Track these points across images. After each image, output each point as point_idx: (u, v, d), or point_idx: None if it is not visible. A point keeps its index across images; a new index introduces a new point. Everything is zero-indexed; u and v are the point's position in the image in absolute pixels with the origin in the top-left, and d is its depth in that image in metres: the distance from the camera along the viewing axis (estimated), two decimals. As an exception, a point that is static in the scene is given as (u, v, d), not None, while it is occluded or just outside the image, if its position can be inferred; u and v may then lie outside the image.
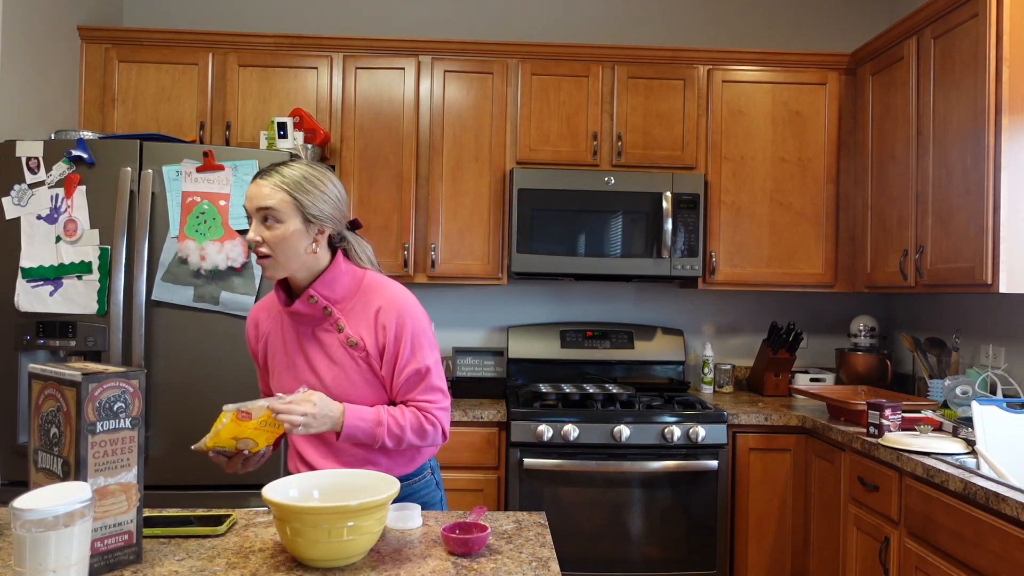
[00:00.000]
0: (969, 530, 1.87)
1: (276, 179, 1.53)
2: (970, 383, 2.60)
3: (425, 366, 1.59)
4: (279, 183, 1.52)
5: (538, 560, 1.28)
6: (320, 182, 1.56)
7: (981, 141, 2.36)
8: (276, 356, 1.66)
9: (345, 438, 1.51)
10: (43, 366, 1.23)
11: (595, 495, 2.77)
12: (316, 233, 1.55)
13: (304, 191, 1.53)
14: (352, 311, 1.60)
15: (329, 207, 1.56)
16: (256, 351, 1.73)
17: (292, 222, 1.52)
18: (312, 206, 1.53)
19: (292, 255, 1.53)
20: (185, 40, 3.09)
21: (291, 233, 1.52)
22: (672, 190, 3.07)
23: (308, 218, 1.53)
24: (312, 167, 1.58)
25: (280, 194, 1.51)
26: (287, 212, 1.52)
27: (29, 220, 2.49)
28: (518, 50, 3.15)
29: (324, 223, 1.56)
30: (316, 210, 1.54)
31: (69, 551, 1.03)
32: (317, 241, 1.56)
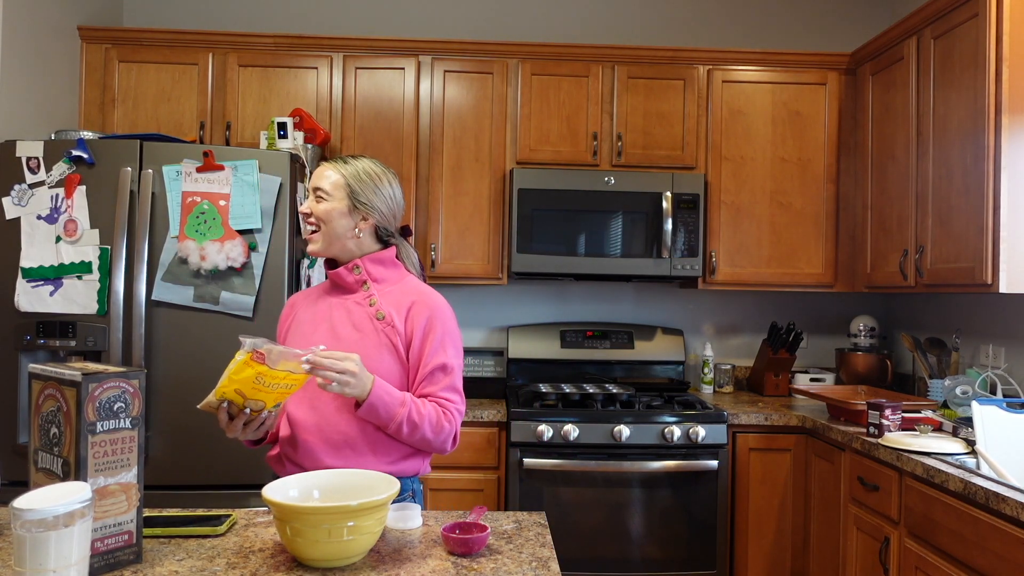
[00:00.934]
0: (969, 530, 1.87)
1: (339, 164, 1.68)
2: (970, 383, 2.60)
3: (451, 364, 1.64)
4: (338, 167, 1.67)
5: (538, 560, 1.28)
6: (377, 177, 1.69)
7: (981, 141, 2.36)
8: (300, 327, 1.71)
9: (367, 408, 1.52)
10: (43, 366, 1.23)
11: (595, 495, 2.77)
12: (360, 219, 1.66)
13: (359, 180, 1.66)
14: (388, 294, 1.67)
15: (378, 200, 1.68)
16: (282, 328, 1.79)
17: (340, 202, 1.64)
18: (361, 193, 1.65)
19: (335, 233, 1.65)
20: (185, 40, 3.09)
21: (335, 210, 1.64)
22: (672, 190, 3.07)
23: (355, 203, 1.65)
24: (377, 164, 1.72)
25: (336, 176, 1.65)
26: (337, 192, 1.65)
27: (29, 220, 2.49)
28: (518, 50, 3.15)
29: (370, 212, 1.66)
30: (364, 198, 1.66)
31: (69, 551, 1.03)
32: (360, 227, 1.67)
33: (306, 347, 1.57)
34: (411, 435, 1.56)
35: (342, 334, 1.64)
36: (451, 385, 1.64)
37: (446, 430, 1.60)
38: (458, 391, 1.66)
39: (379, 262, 1.69)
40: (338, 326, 1.66)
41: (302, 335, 1.69)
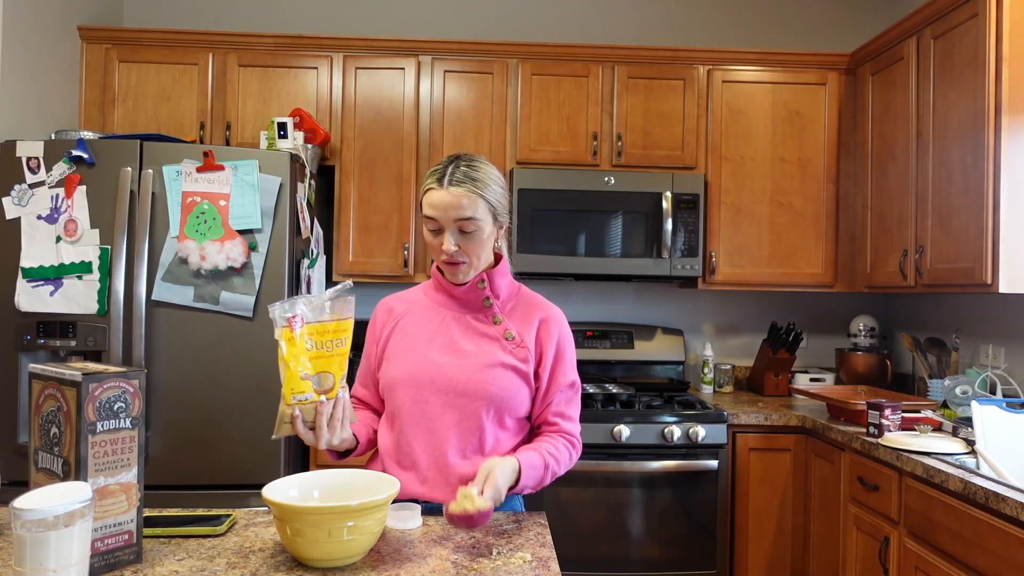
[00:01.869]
0: (969, 530, 1.87)
1: (471, 186, 1.48)
2: (970, 383, 2.60)
3: (579, 382, 1.62)
4: (475, 190, 1.48)
5: (538, 560, 1.29)
6: (499, 177, 1.55)
7: (981, 141, 2.36)
8: (405, 337, 1.61)
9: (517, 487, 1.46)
10: (43, 366, 1.23)
11: (595, 495, 2.77)
12: (499, 230, 1.58)
13: (496, 194, 1.52)
14: (512, 312, 1.60)
15: (506, 203, 1.57)
16: (380, 336, 1.66)
17: (488, 226, 1.52)
18: (500, 205, 1.53)
19: (484, 258, 1.56)
20: (185, 40, 3.09)
21: (487, 237, 1.53)
22: (672, 190, 3.07)
23: (497, 217, 1.54)
24: (483, 161, 1.55)
25: (480, 202, 1.49)
26: (484, 217, 1.50)
27: (29, 220, 2.49)
28: (518, 50, 3.15)
29: (505, 219, 1.58)
30: (504, 210, 1.55)
31: (69, 551, 1.03)
32: (498, 237, 1.58)
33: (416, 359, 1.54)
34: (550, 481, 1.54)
35: (466, 350, 1.55)
36: (578, 402, 1.62)
37: (574, 459, 1.58)
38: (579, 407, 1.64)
39: (502, 276, 1.61)
40: (459, 341, 1.56)
41: (411, 347, 1.58)
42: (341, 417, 1.40)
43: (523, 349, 1.56)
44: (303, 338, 1.34)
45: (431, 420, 1.52)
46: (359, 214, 3.10)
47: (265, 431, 2.53)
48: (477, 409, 1.52)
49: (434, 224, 1.51)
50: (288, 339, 1.33)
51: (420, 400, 1.54)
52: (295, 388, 1.34)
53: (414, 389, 1.55)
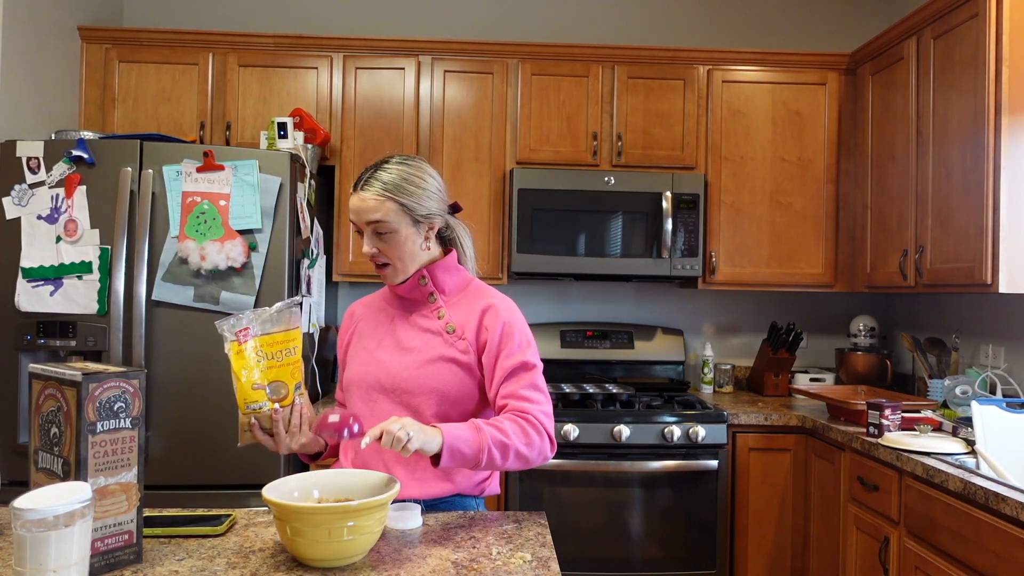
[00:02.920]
0: (969, 530, 1.87)
1: (378, 188, 1.51)
2: (970, 383, 2.60)
3: (532, 362, 1.54)
4: (381, 192, 1.50)
5: (538, 560, 1.29)
6: (419, 178, 1.55)
7: (981, 141, 2.36)
8: (362, 340, 1.64)
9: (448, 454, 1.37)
10: (43, 366, 1.23)
11: (595, 495, 2.77)
12: (427, 230, 1.57)
13: (407, 193, 1.52)
14: (457, 305, 1.60)
15: (433, 202, 1.57)
16: (343, 339, 1.71)
17: (403, 228, 1.53)
18: (419, 207, 1.53)
19: (409, 259, 1.56)
20: (185, 40, 3.09)
21: (404, 239, 1.53)
22: (672, 190, 3.07)
23: (416, 219, 1.54)
24: (406, 163, 1.56)
25: (388, 203, 1.50)
26: (396, 220, 1.51)
27: (29, 220, 2.49)
28: (518, 50, 3.15)
29: (432, 219, 1.57)
30: (423, 209, 1.54)
31: (69, 551, 1.03)
32: (428, 237, 1.58)
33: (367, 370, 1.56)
34: (505, 458, 1.43)
35: (410, 347, 1.56)
36: (533, 383, 1.52)
37: (535, 439, 1.46)
38: (541, 390, 1.53)
39: (445, 270, 1.60)
40: (404, 339, 1.57)
41: (363, 349, 1.62)
42: (299, 422, 1.46)
43: (463, 341, 1.55)
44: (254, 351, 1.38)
45: (380, 419, 1.50)
46: (359, 214, 3.10)
47: (265, 431, 2.53)
48: (420, 404, 1.53)
49: (356, 228, 1.56)
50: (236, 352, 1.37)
51: (370, 400, 1.57)
52: (248, 398, 1.40)
53: (364, 389, 1.58)
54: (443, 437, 1.37)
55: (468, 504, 1.62)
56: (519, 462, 1.46)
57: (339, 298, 3.50)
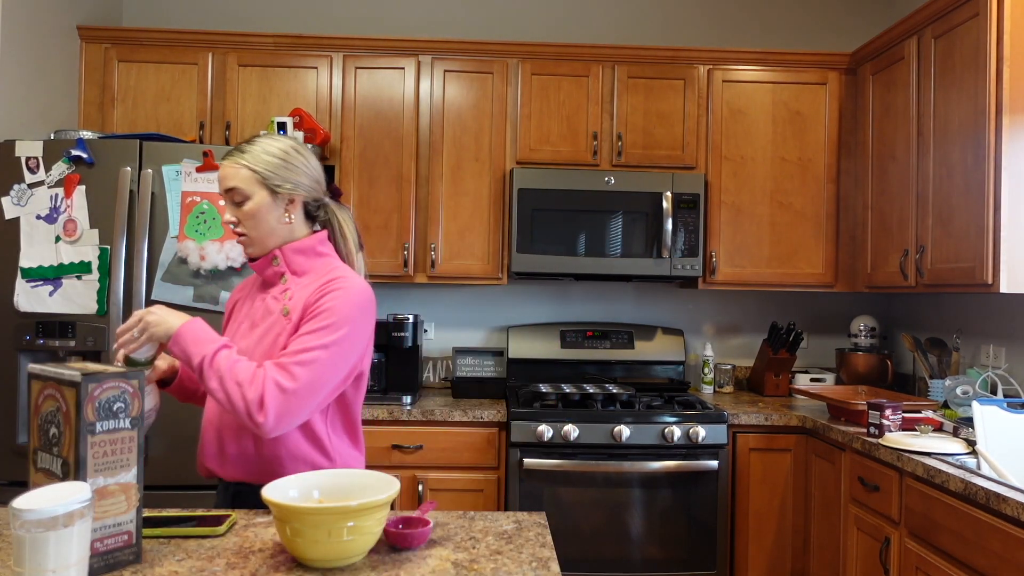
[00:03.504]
0: (970, 530, 1.86)
1: (236, 156, 1.54)
2: (971, 383, 2.60)
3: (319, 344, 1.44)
4: (238, 160, 1.53)
5: (538, 560, 1.28)
6: (280, 150, 1.55)
7: (981, 141, 2.36)
8: (232, 322, 1.67)
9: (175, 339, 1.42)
10: (42, 366, 1.22)
11: (595, 495, 2.76)
12: (286, 203, 1.55)
13: (260, 160, 1.53)
14: (306, 288, 1.55)
15: (295, 174, 1.55)
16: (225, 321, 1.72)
17: (258, 195, 1.53)
18: (275, 176, 1.53)
19: (266, 230, 1.55)
20: (185, 40, 3.09)
21: (259, 207, 1.53)
22: (672, 190, 3.07)
23: (273, 189, 1.53)
24: (274, 138, 1.57)
25: (242, 171, 1.52)
26: (251, 187, 1.52)
27: (28, 220, 2.48)
28: (518, 50, 3.15)
29: (293, 191, 1.55)
30: (279, 179, 1.53)
31: (68, 551, 1.03)
32: (289, 211, 1.56)
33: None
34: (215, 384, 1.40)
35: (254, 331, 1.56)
36: (300, 360, 1.42)
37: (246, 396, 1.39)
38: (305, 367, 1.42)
39: (301, 252, 1.57)
40: (254, 322, 1.57)
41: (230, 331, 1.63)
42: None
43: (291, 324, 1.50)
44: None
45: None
46: (359, 214, 3.10)
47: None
48: None
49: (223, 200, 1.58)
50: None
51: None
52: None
53: None
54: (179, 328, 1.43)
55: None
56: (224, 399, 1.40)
57: (339, 298, 3.49)
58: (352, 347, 1.49)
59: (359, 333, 1.50)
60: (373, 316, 1.54)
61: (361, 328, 1.50)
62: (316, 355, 1.44)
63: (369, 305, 1.53)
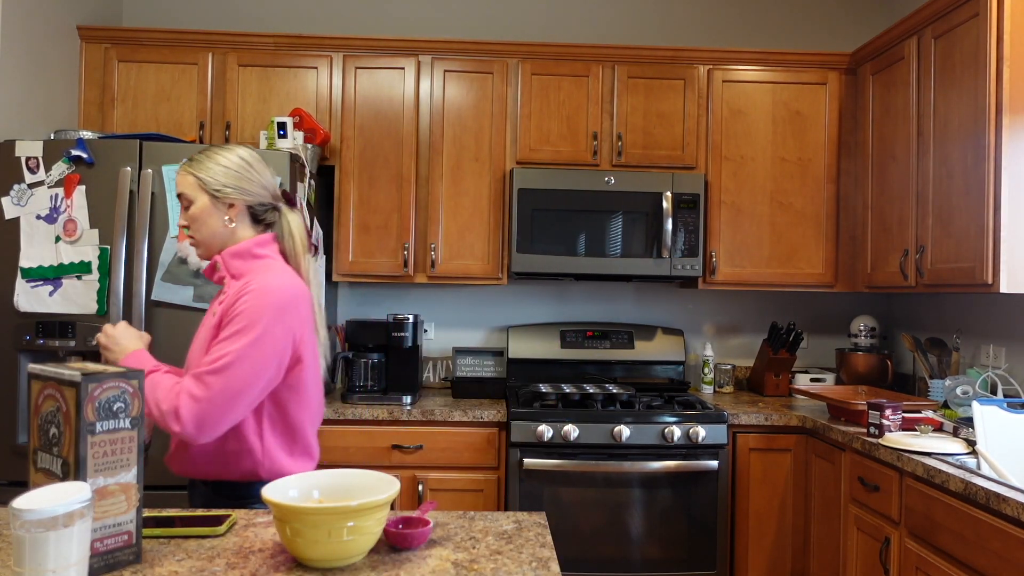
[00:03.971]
0: (970, 530, 1.86)
1: (185, 165, 1.64)
2: (971, 383, 2.60)
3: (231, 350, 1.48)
4: (186, 168, 1.63)
5: (538, 560, 1.28)
6: (221, 156, 1.63)
7: (982, 141, 2.36)
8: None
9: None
10: (42, 366, 1.22)
11: (595, 495, 2.76)
12: (227, 208, 1.62)
13: (203, 168, 1.61)
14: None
15: (231, 179, 1.61)
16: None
17: (199, 199, 1.61)
18: (213, 180, 1.61)
19: (209, 233, 1.62)
20: (185, 40, 3.09)
21: (200, 211, 1.61)
22: (672, 190, 3.07)
23: (212, 193, 1.61)
24: (221, 146, 1.67)
25: (186, 177, 1.62)
26: (193, 191, 1.62)
27: (28, 220, 2.48)
28: (518, 50, 3.15)
29: (230, 196, 1.61)
30: (217, 184, 1.61)
31: (68, 551, 1.03)
32: (230, 216, 1.62)
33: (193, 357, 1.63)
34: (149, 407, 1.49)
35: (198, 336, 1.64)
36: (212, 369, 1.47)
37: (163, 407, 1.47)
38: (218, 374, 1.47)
39: (237, 255, 1.61)
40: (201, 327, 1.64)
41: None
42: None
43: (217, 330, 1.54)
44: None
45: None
46: (359, 214, 3.10)
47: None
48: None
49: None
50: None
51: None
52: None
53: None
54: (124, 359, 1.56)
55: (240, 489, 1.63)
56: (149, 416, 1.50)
57: (339, 298, 3.49)
58: (270, 348, 1.51)
59: (275, 334, 1.52)
60: (294, 315, 1.56)
61: (277, 328, 1.52)
62: (228, 361, 1.48)
63: (288, 304, 1.55)
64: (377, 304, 3.51)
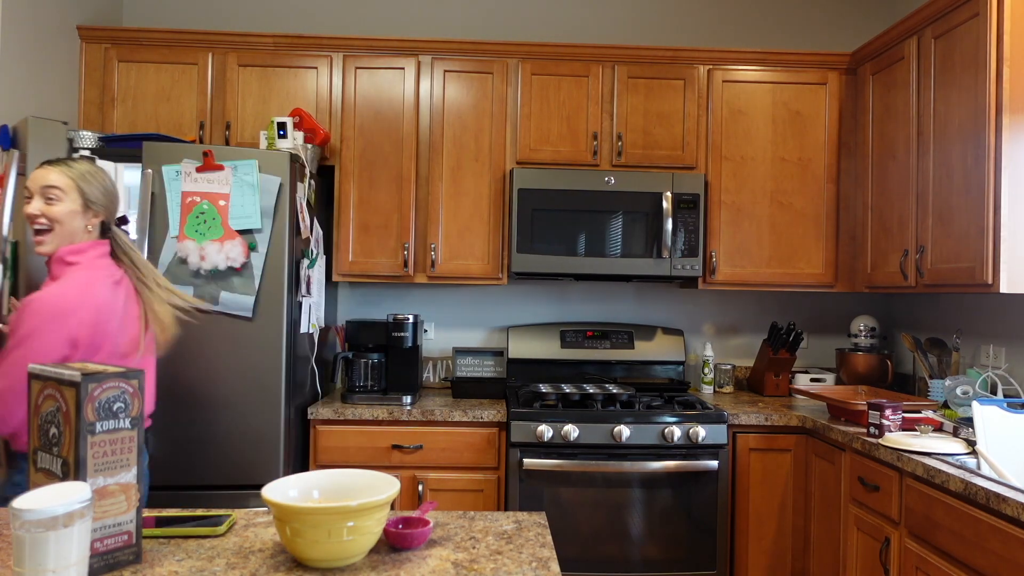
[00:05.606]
0: (970, 530, 1.86)
1: (63, 167, 1.83)
2: (971, 383, 2.60)
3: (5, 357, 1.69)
4: (64, 171, 1.83)
5: (538, 560, 1.28)
6: (99, 176, 1.88)
7: (981, 141, 2.36)
8: None
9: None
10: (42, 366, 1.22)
11: (595, 495, 2.76)
12: (92, 217, 1.85)
13: (87, 181, 1.84)
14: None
15: (104, 197, 1.88)
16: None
17: (73, 203, 1.82)
18: (91, 193, 1.84)
19: (69, 232, 1.81)
20: (185, 40, 3.09)
21: (71, 211, 1.81)
22: (672, 190, 3.07)
23: (87, 202, 1.84)
24: (94, 165, 1.91)
25: (65, 179, 1.82)
26: (70, 194, 1.81)
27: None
28: (518, 50, 3.15)
29: (100, 209, 1.86)
30: (95, 197, 1.85)
31: (68, 551, 1.03)
32: (92, 224, 1.85)
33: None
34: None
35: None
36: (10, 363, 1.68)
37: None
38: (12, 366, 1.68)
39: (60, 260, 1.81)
40: None
41: None
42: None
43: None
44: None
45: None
46: (359, 214, 3.10)
47: (265, 431, 2.53)
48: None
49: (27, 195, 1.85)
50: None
51: None
52: None
53: None
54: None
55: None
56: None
57: (339, 298, 3.49)
58: (37, 355, 1.68)
59: (43, 340, 1.69)
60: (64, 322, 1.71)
61: (45, 335, 1.70)
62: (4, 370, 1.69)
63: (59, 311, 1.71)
64: (377, 304, 3.51)
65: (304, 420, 2.80)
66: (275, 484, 1.31)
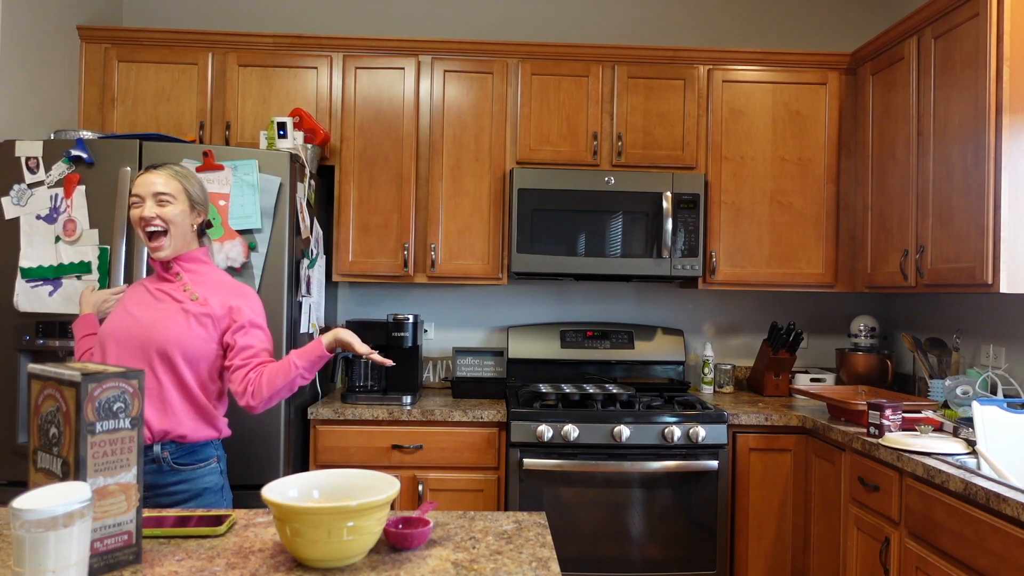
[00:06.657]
0: (970, 530, 1.86)
1: (168, 171, 1.89)
2: (971, 383, 2.60)
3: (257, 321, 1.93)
4: (171, 175, 1.88)
5: (538, 560, 1.28)
6: (197, 177, 1.95)
7: (981, 141, 2.36)
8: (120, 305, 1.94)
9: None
10: (42, 366, 1.22)
11: (595, 495, 2.76)
12: (196, 218, 1.92)
13: (190, 182, 1.91)
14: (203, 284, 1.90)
15: (204, 198, 1.95)
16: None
17: (183, 204, 1.88)
18: (196, 193, 1.91)
19: (180, 232, 1.88)
20: (185, 40, 3.09)
21: (181, 212, 1.87)
22: (672, 190, 3.07)
23: (193, 204, 1.90)
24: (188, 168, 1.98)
25: (174, 182, 1.87)
26: (180, 196, 1.88)
27: (28, 220, 2.48)
28: (518, 50, 3.15)
29: (201, 209, 1.93)
30: (199, 199, 1.92)
31: (68, 551, 1.03)
32: (195, 224, 1.93)
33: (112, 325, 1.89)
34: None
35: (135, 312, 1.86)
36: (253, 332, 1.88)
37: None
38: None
39: (191, 260, 1.93)
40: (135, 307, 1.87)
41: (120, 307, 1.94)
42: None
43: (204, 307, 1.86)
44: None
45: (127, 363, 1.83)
46: (359, 214, 3.10)
47: (265, 431, 2.53)
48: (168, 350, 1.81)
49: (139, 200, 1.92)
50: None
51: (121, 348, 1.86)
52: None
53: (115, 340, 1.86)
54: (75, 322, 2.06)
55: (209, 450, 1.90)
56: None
57: (339, 298, 3.49)
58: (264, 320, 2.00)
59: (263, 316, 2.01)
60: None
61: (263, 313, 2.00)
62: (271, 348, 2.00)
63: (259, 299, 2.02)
64: (377, 304, 3.51)
65: (304, 420, 2.81)
66: (275, 484, 1.31)
